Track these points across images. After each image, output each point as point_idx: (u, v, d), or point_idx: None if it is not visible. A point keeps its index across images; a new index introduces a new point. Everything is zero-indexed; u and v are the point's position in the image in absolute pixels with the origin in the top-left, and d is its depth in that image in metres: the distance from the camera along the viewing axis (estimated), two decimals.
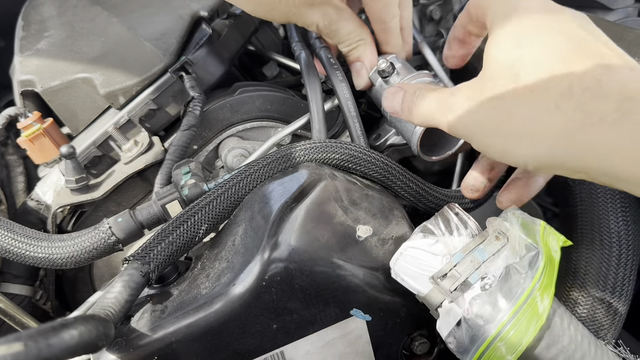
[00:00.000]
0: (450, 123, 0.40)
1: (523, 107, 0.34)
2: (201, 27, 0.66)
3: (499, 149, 0.37)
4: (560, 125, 0.32)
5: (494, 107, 0.36)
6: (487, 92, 0.37)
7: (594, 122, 0.30)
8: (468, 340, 0.38)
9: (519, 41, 0.36)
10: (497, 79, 0.37)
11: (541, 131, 0.33)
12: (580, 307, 0.54)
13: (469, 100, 0.39)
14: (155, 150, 0.59)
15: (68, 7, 0.74)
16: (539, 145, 0.34)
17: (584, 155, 0.31)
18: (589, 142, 0.30)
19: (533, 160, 0.35)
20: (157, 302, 0.43)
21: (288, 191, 0.43)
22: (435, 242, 0.41)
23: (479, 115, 0.38)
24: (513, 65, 0.36)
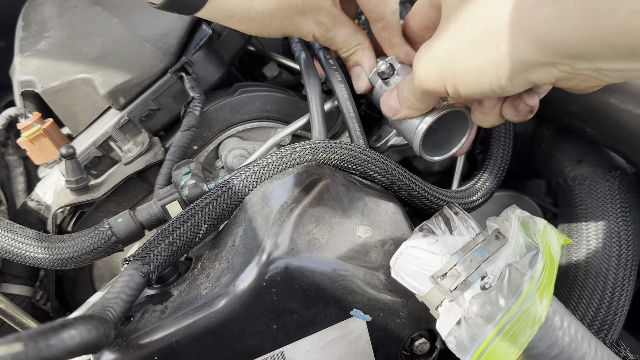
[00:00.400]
0: (422, 80, 0.41)
1: (478, 15, 0.35)
2: (201, 28, 0.66)
3: (470, 73, 0.36)
4: (519, 14, 0.32)
5: (452, 34, 0.37)
6: (442, 28, 0.38)
7: (545, 1, 0.30)
8: (468, 340, 0.38)
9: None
10: (449, 11, 0.38)
11: (502, 28, 0.33)
12: (580, 307, 0.54)
13: (427, 45, 0.40)
14: (156, 150, 0.59)
15: (68, 8, 0.74)
16: (504, 43, 0.33)
17: (544, 37, 0.31)
18: (545, 19, 0.30)
19: (504, 64, 0.34)
20: (157, 303, 0.43)
21: (288, 191, 0.43)
22: (435, 241, 0.41)
23: (440, 51, 0.38)
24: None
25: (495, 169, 0.58)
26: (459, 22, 0.36)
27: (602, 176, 0.56)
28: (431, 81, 0.41)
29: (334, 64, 0.56)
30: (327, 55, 0.56)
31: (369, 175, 0.48)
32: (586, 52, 0.30)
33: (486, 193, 0.57)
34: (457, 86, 0.38)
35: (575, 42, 0.30)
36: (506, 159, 0.59)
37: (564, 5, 0.29)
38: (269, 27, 0.50)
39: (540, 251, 0.39)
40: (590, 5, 0.28)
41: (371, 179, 0.49)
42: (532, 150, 0.66)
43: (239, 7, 0.47)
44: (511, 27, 0.32)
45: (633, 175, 0.57)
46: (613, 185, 0.56)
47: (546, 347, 0.37)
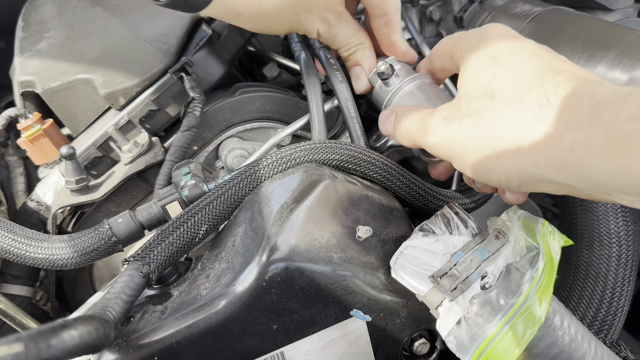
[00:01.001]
0: (430, 144, 0.41)
1: (502, 121, 0.35)
2: (201, 28, 0.66)
3: (479, 167, 0.37)
4: (542, 134, 0.32)
5: (472, 124, 0.37)
6: (463, 110, 0.38)
7: (572, 127, 0.31)
8: (468, 339, 0.38)
9: (491, 63, 0.37)
10: (473, 98, 0.37)
11: (522, 142, 0.34)
12: (580, 307, 0.54)
13: (445, 120, 0.39)
14: (156, 151, 0.59)
15: (68, 8, 0.74)
16: (522, 157, 0.34)
17: (566, 163, 0.32)
18: (570, 146, 0.31)
19: (516, 174, 0.35)
20: (157, 303, 0.43)
21: (288, 192, 0.43)
22: (436, 241, 0.41)
23: (456, 134, 0.38)
24: (488, 84, 0.37)
25: None
26: (482, 117, 0.36)
27: None
28: (438, 151, 0.41)
29: (334, 63, 0.56)
30: (327, 54, 0.56)
31: (369, 176, 0.48)
32: (608, 185, 0.30)
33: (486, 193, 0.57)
34: (464, 169, 0.39)
35: (600, 175, 0.30)
36: None
37: (589, 135, 0.30)
38: (277, 24, 0.50)
39: (540, 251, 0.39)
40: (615, 143, 0.28)
41: (371, 179, 0.49)
42: None
43: (247, 5, 0.47)
44: (533, 144, 0.33)
45: None
46: None
47: (546, 346, 0.37)
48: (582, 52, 0.52)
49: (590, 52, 0.51)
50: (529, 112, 0.33)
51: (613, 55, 0.49)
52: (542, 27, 0.59)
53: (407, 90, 0.50)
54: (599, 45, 0.51)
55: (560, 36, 0.56)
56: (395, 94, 0.51)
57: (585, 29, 0.55)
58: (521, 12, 0.66)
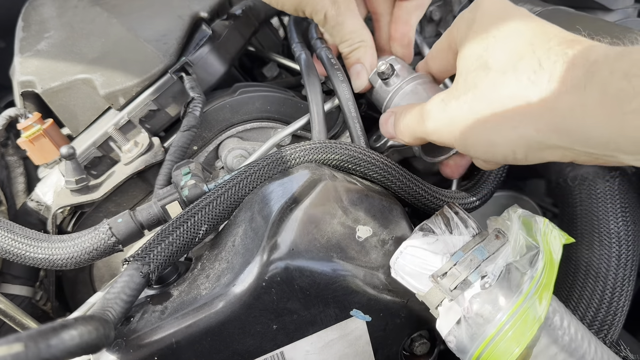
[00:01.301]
0: (429, 129, 0.41)
1: (498, 91, 0.35)
2: (201, 28, 0.66)
3: (483, 143, 0.37)
4: (538, 99, 0.32)
5: (470, 100, 0.37)
6: (460, 88, 0.38)
7: (568, 89, 0.31)
8: (468, 339, 0.38)
9: (484, 34, 0.37)
10: (468, 72, 0.37)
11: (521, 109, 0.33)
12: (580, 307, 0.54)
13: (443, 101, 0.39)
14: (155, 151, 0.59)
15: (68, 8, 0.74)
16: (523, 125, 0.34)
17: (566, 126, 0.31)
18: (568, 108, 0.31)
19: (521, 145, 0.35)
20: (157, 303, 0.43)
21: (288, 192, 0.43)
22: (435, 240, 0.41)
23: (455, 113, 0.38)
24: (481, 56, 0.36)
25: (496, 169, 0.58)
26: (478, 90, 0.36)
27: (602, 176, 0.56)
28: (440, 136, 0.41)
29: (335, 63, 0.56)
30: (329, 54, 0.56)
31: (369, 176, 0.48)
32: (609, 144, 0.30)
33: (486, 193, 0.57)
34: (468, 150, 0.39)
35: (599, 136, 0.30)
36: None
37: (584, 96, 0.30)
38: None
39: (540, 251, 0.39)
40: (611, 102, 0.29)
41: (371, 179, 0.49)
42: None
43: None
44: (531, 110, 0.33)
45: (633, 176, 0.57)
46: (613, 185, 0.56)
47: (546, 346, 0.37)
48: None
49: None
50: (522, 79, 0.33)
51: None
52: None
53: (407, 90, 0.50)
54: None
55: None
56: (395, 93, 0.51)
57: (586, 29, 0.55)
58: None
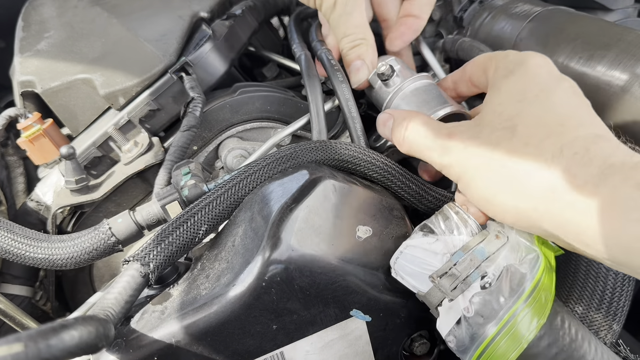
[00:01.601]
0: (445, 164, 0.41)
1: (516, 159, 0.35)
2: (201, 28, 0.66)
3: (484, 196, 0.38)
4: (549, 183, 0.33)
5: (488, 156, 0.37)
6: (483, 138, 0.38)
7: (579, 184, 0.32)
8: (468, 339, 0.38)
9: (521, 97, 0.37)
10: (495, 129, 0.38)
11: (529, 185, 0.34)
12: (580, 307, 0.54)
13: (465, 146, 0.39)
14: (155, 150, 0.59)
15: (68, 8, 0.74)
16: (524, 199, 0.35)
17: (564, 217, 0.32)
18: (571, 202, 0.32)
19: (513, 213, 0.36)
20: (157, 303, 0.43)
21: (288, 192, 0.43)
22: (435, 240, 0.41)
23: (470, 161, 0.38)
24: (512, 118, 0.37)
25: None
26: (498, 150, 0.36)
27: None
28: (448, 172, 0.41)
29: (335, 64, 0.56)
30: (329, 56, 0.56)
31: (369, 175, 0.48)
32: (599, 248, 0.31)
33: None
34: (468, 195, 0.40)
35: (593, 236, 0.31)
36: None
37: (593, 195, 0.31)
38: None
39: (540, 252, 0.39)
40: (617, 207, 0.29)
41: (371, 179, 0.49)
42: None
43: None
44: (536, 192, 0.34)
45: None
46: None
47: (546, 346, 0.37)
48: (582, 52, 0.52)
49: (590, 52, 0.51)
50: (542, 159, 0.34)
51: (613, 55, 0.49)
52: (542, 27, 0.59)
53: (407, 92, 0.50)
54: (599, 45, 0.51)
55: (560, 36, 0.56)
56: (395, 94, 0.51)
57: (585, 29, 0.55)
58: (521, 12, 0.66)
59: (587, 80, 0.51)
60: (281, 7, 0.84)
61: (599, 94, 0.50)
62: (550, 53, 0.56)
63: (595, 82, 0.50)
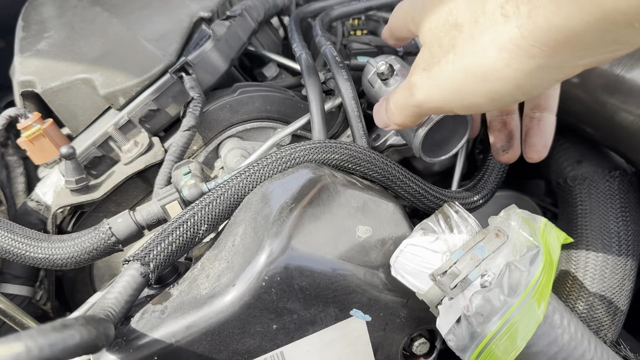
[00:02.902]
0: (421, 100, 0.40)
1: (477, 42, 0.34)
2: (201, 28, 0.66)
3: (482, 94, 0.36)
4: (516, 25, 0.31)
5: (452, 61, 0.36)
6: (436, 54, 0.37)
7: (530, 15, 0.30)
8: (468, 338, 0.38)
9: (441, 2, 0.37)
10: (441, 38, 0.37)
11: (507, 45, 0.32)
12: (580, 307, 0.54)
13: (425, 70, 0.38)
14: (155, 150, 0.59)
15: (68, 8, 0.74)
16: (516, 58, 0.32)
17: (556, 24, 0.29)
18: (547, 14, 0.29)
19: (520, 75, 0.33)
20: (157, 303, 0.43)
21: (288, 191, 0.43)
22: (436, 239, 0.41)
23: (441, 77, 0.37)
24: (448, 20, 0.36)
25: (496, 169, 0.58)
26: (458, 48, 0.35)
27: (602, 176, 0.56)
28: (433, 103, 0.39)
29: (340, 61, 0.55)
30: (333, 52, 0.56)
31: (369, 175, 0.48)
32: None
33: (487, 193, 0.57)
34: (469, 107, 0.38)
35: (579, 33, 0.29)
36: None
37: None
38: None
39: (540, 250, 0.39)
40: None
41: (371, 179, 0.49)
42: None
43: None
44: (515, 37, 0.32)
45: (633, 176, 0.57)
46: (613, 185, 0.56)
47: (546, 344, 0.37)
48: None
49: None
50: (495, 18, 0.32)
51: None
52: None
53: None
54: None
55: None
56: None
57: None
58: None
59: (588, 80, 0.51)
60: (281, 7, 0.84)
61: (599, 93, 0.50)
62: None
63: (595, 82, 0.50)
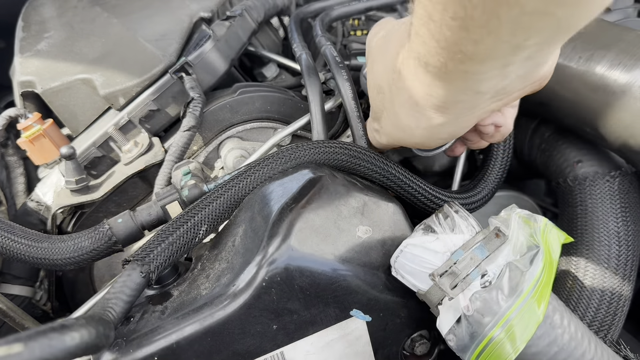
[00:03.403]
0: (383, 144, 0.50)
1: (395, 102, 0.43)
2: (201, 28, 0.66)
3: (414, 140, 0.44)
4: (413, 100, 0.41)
5: (386, 117, 0.46)
6: (377, 112, 0.48)
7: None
8: (468, 337, 0.38)
9: (370, 64, 0.48)
10: (375, 100, 0.47)
11: (415, 96, 0.41)
12: (580, 307, 0.54)
13: (376, 131, 0.50)
14: (155, 151, 0.59)
15: (68, 8, 0.74)
16: (417, 106, 0.41)
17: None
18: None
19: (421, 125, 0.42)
20: (157, 303, 0.43)
21: (288, 192, 0.43)
22: (436, 239, 0.41)
23: (386, 130, 0.47)
24: (376, 84, 0.46)
25: (496, 170, 0.58)
26: (386, 110, 0.45)
27: (602, 176, 0.56)
28: (390, 145, 0.50)
29: (340, 61, 0.55)
30: (334, 52, 0.56)
31: (369, 176, 0.48)
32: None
33: (487, 194, 0.57)
34: (409, 143, 0.47)
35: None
36: (507, 159, 0.59)
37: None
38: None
39: (540, 250, 0.39)
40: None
41: (371, 179, 0.49)
42: (532, 150, 0.66)
43: None
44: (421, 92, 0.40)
45: (633, 176, 0.57)
46: (613, 185, 0.56)
47: (546, 344, 0.37)
48: (582, 52, 0.52)
49: (590, 52, 0.51)
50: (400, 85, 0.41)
51: (613, 55, 0.49)
52: None
53: None
54: (599, 45, 0.51)
55: None
56: None
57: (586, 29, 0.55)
58: None
59: (587, 80, 0.51)
60: (281, 8, 0.84)
61: (598, 94, 0.50)
62: None
63: (595, 82, 0.50)
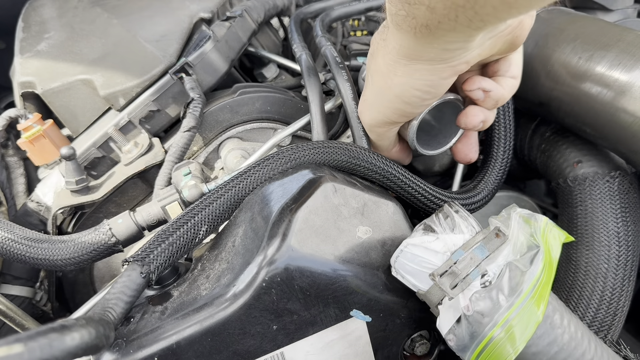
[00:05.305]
0: (367, 125, 0.51)
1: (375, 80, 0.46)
2: (201, 29, 0.66)
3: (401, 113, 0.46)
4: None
5: (368, 84, 0.48)
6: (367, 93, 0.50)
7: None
8: (468, 337, 0.38)
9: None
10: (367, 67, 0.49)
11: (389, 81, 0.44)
12: (580, 307, 0.54)
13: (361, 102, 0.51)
14: (155, 151, 0.59)
15: (68, 9, 0.74)
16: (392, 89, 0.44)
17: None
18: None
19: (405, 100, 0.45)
20: (157, 303, 0.43)
21: (288, 192, 0.43)
22: (436, 239, 0.41)
23: (365, 97, 0.50)
24: (370, 54, 0.48)
25: (496, 170, 0.58)
26: (369, 72, 0.47)
27: (601, 177, 0.56)
28: (371, 124, 0.50)
29: (340, 62, 0.55)
30: (334, 52, 0.56)
31: (369, 176, 0.48)
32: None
33: (487, 194, 0.57)
34: (390, 122, 0.49)
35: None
36: (507, 159, 0.59)
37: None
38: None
39: (540, 250, 0.39)
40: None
41: (371, 180, 0.49)
42: (532, 150, 0.66)
43: None
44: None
45: (633, 176, 0.57)
46: (613, 185, 0.56)
47: (546, 344, 0.37)
48: (582, 52, 0.52)
49: (590, 52, 0.51)
50: (380, 43, 0.44)
51: (613, 55, 0.49)
52: (542, 27, 0.59)
53: None
54: (599, 45, 0.51)
55: (560, 36, 0.56)
56: None
57: (585, 29, 0.55)
58: None
59: (587, 80, 0.51)
60: (281, 8, 0.84)
61: (598, 94, 0.50)
62: (550, 53, 0.56)
63: (595, 83, 0.50)
